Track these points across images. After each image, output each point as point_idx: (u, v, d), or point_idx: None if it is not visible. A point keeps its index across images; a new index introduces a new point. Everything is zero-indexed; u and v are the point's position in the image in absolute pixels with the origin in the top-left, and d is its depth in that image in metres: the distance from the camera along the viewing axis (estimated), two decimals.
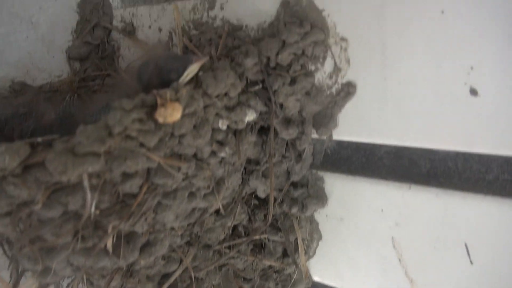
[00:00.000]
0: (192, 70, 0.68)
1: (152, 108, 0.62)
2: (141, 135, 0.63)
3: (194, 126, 0.71)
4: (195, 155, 0.75)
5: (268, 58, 0.77)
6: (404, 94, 0.68)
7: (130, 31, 1.03)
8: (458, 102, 0.63)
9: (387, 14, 0.65)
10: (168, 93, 0.62)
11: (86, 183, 0.58)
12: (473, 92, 0.61)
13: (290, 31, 0.73)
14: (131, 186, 0.66)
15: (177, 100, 0.64)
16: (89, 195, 0.59)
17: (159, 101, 0.61)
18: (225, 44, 0.84)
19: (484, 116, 0.62)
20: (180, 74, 0.66)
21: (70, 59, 1.08)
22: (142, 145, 0.64)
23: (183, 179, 0.75)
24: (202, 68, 0.76)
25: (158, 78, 0.67)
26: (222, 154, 0.77)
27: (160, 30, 0.98)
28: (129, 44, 1.06)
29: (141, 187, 0.68)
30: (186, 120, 0.67)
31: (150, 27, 1.00)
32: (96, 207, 0.62)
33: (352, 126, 0.77)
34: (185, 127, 0.68)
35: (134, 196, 0.67)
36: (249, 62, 0.74)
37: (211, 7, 0.87)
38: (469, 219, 0.67)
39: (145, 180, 0.68)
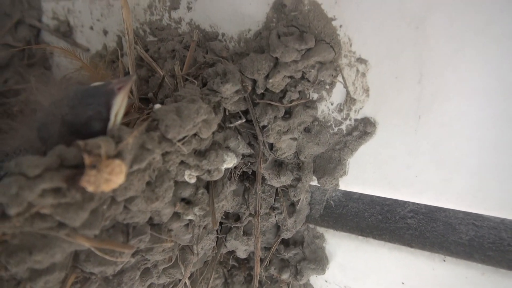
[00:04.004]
0: (119, 105, 0.45)
1: (76, 171, 0.39)
2: (60, 211, 0.39)
3: (148, 184, 0.48)
4: (150, 220, 0.52)
5: (255, 82, 0.56)
6: (448, 139, 0.48)
7: (65, 32, 0.77)
8: None
9: (431, 30, 0.45)
10: (102, 145, 0.39)
11: None
12: None
13: (287, 47, 0.51)
14: (46, 283, 0.42)
15: (118, 156, 0.40)
16: None
17: (87, 160, 0.38)
18: (194, 58, 0.61)
19: None
20: (105, 119, 0.43)
21: None
22: (62, 225, 0.40)
23: (134, 254, 0.52)
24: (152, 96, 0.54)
25: (72, 135, 0.43)
26: (190, 217, 0.55)
27: (105, 32, 0.73)
28: (66, 48, 0.80)
29: (64, 281, 0.45)
30: (135, 179, 0.44)
31: (92, 28, 0.75)
32: None
33: (367, 175, 0.57)
34: (134, 189, 0.45)
35: None
36: (229, 89, 0.52)
37: (174, 6, 0.63)
38: None
39: (71, 270, 0.45)
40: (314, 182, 0.61)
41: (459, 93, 0.46)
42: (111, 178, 0.39)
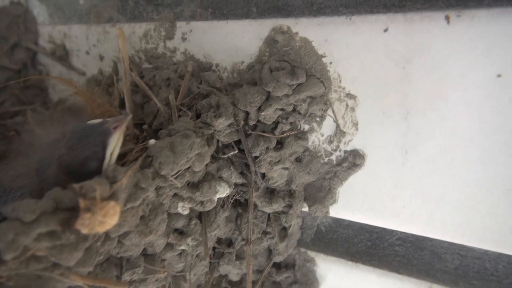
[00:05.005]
0: (115, 144, 0.46)
1: (71, 213, 0.40)
2: (55, 253, 0.40)
3: (142, 217, 0.49)
4: (143, 251, 0.53)
5: (247, 114, 0.57)
6: (433, 175, 0.50)
7: (61, 55, 0.78)
8: (510, 194, 0.46)
9: (416, 71, 0.47)
10: (97, 188, 0.40)
11: None
12: None
13: (278, 82, 0.52)
14: None
15: (113, 197, 0.42)
16: None
17: (82, 204, 0.39)
18: (189, 88, 0.62)
19: None
20: (101, 158, 0.44)
21: None
22: (56, 265, 0.41)
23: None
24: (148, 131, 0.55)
25: (69, 174, 0.44)
26: (183, 247, 0.56)
27: (101, 58, 0.74)
28: (61, 70, 0.81)
29: None
30: (129, 215, 0.46)
31: (88, 52, 0.76)
32: None
33: (356, 204, 0.58)
34: (128, 224, 0.46)
35: None
36: (222, 123, 0.53)
37: (169, 36, 0.65)
38: None
39: None
40: (306, 208, 0.63)
41: (442, 132, 0.47)
42: (105, 220, 0.40)
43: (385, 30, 0.47)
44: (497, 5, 0.41)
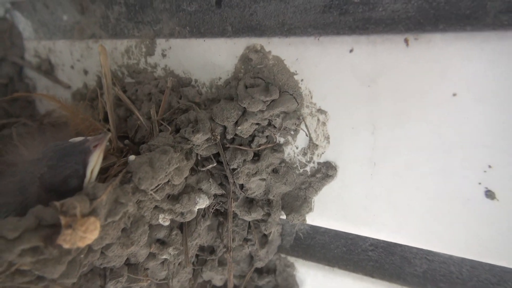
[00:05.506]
0: (95, 162, 0.48)
1: (53, 229, 0.42)
2: (39, 266, 0.43)
3: (124, 230, 0.52)
4: (126, 261, 0.56)
5: (225, 128, 0.60)
6: (400, 187, 0.53)
7: (46, 69, 0.80)
8: (468, 203, 0.49)
9: (380, 89, 0.50)
10: (77, 205, 0.42)
11: None
12: (489, 195, 0.48)
13: (253, 98, 0.55)
14: None
15: (93, 213, 0.44)
16: None
17: (63, 221, 0.41)
18: (169, 103, 0.64)
19: (502, 224, 0.48)
20: (81, 176, 0.47)
21: None
22: (41, 278, 0.44)
23: None
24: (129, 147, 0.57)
25: (50, 192, 0.47)
26: (165, 256, 0.58)
27: (85, 72, 0.77)
28: (47, 84, 0.83)
29: None
30: (110, 229, 0.48)
31: (72, 67, 0.78)
32: None
33: (330, 212, 0.61)
34: (109, 237, 0.48)
35: None
36: (199, 138, 0.56)
37: (150, 53, 0.67)
38: None
39: None
40: (284, 216, 0.65)
41: (406, 147, 0.50)
42: (86, 235, 0.43)
43: (351, 51, 0.50)
44: (451, 29, 0.44)
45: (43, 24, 0.79)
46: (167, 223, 0.57)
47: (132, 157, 0.53)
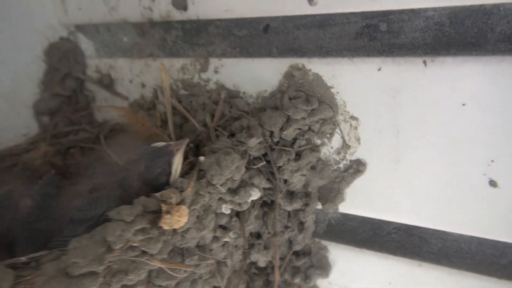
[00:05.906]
0: (178, 162, 0.61)
1: (155, 215, 0.55)
2: (144, 244, 0.55)
3: (197, 217, 0.64)
4: (197, 243, 0.68)
5: (272, 132, 0.72)
6: (417, 178, 0.65)
7: (107, 83, 0.93)
8: (475, 191, 0.61)
9: (403, 100, 0.62)
10: (173, 197, 0.55)
11: None
12: (492, 183, 0.60)
13: (296, 108, 0.68)
14: None
15: (182, 202, 0.57)
16: None
17: (164, 208, 0.54)
18: (222, 112, 0.77)
19: (503, 207, 0.60)
20: (168, 174, 0.60)
21: (38, 114, 0.96)
22: (144, 253, 0.56)
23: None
24: (201, 149, 0.70)
25: (146, 186, 0.60)
26: (226, 239, 0.71)
27: (143, 85, 0.89)
28: (106, 96, 0.96)
29: None
30: (191, 216, 0.61)
31: (131, 81, 0.90)
32: None
33: (359, 202, 0.73)
34: (190, 222, 0.61)
35: None
36: (254, 141, 0.68)
37: (204, 69, 0.79)
38: None
39: (147, 285, 0.61)
40: (319, 206, 0.78)
41: (423, 146, 0.62)
42: (180, 219, 0.55)
43: (379, 69, 0.62)
44: (460, 54, 0.56)
45: (104, 44, 0.91)
46: (228, 212, 0.69)
47: (202, 158, 0.65)
